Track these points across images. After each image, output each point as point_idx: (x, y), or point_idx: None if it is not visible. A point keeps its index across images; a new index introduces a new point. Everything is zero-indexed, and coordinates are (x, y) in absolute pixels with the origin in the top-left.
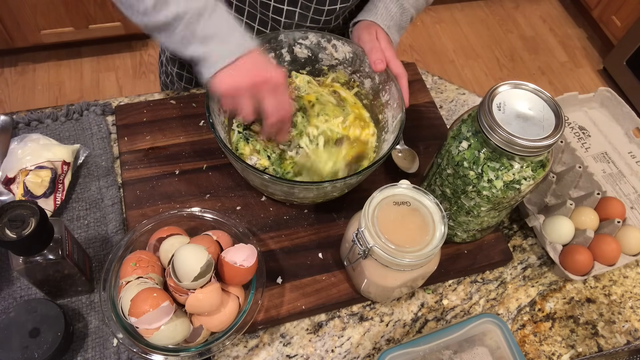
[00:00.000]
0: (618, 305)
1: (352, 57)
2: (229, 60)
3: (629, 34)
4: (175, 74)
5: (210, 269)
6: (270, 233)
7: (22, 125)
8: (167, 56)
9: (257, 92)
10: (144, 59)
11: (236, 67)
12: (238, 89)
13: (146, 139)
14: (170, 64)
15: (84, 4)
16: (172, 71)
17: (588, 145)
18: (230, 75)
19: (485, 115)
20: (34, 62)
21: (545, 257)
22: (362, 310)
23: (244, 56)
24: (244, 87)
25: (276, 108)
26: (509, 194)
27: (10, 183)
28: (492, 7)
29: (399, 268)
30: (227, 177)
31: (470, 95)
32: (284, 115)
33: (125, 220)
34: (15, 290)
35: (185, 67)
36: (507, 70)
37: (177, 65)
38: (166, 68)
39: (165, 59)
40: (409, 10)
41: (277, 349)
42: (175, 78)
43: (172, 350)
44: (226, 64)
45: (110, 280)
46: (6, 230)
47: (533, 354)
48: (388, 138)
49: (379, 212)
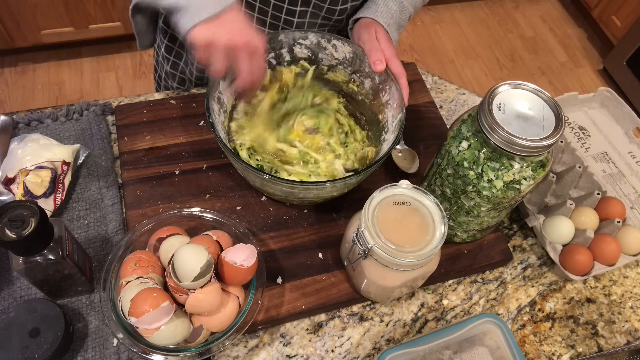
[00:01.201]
0: (618, 305)
1: (352, 57)
2: (210, 12)
3: (629, 34)
4: (176, 88)
5: (210, 269)
6: (270, 233)
7: (22, 125)
8: (166, 70)
9: (233, 53)
10: (144, 59)
11: (217, 22)
12: (215, 46)
13: (146, 139)
14: (170, 79)
15: (84, 4)
16: (172, 85)
17: (588, 145)
18: (210, 30)
19: (485, 115)
20: (34, 62)
21: (545, 257)
22: (362, 310)
23: (226, 12)
24: (221, 45)
25: (249, 73)
26: (509, 194)
27: (10, 183)
28: (492, 7)
29: (399, 268)
30: (227, 177)
31: (470, 95)
32: (256, 80)
33: (125, 220)
34: (15, 290)
35: (185, 82)
36: (507, 70)
37: (177, 80)
38: (166, 82)
39: (164, 74)
40: (408, 9)
41: (277, 349)
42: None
43: (172, 350)
44: (206, 16)
45: (110, 280)
46: (6, 230)
47: (533, 354)
48: (388, 138)
49: (379, 212)
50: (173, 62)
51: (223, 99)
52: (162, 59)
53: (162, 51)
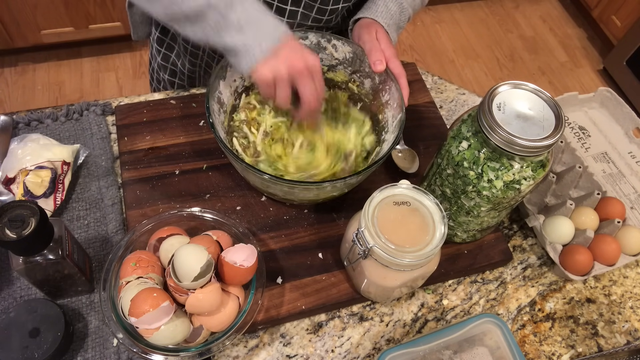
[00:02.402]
0: (618, 305)
1: (352, 57)
2: (268, 49)
3: (629, 34)
4: (167, 80)
5: (210, 269)
6: (270, 233)
7: (22, 125)
8: (158, 63)
9: (295, 79)
10: (144, 59)
11: (275, 55)
12: (279, 78)
13: (146, 139)
14: (161, 71)
15: (84, 4)
16: (163, 78)
17: (588, 145)
18: (271, 65)
19: (485, 115)
20: (34, 62)
21: (545, 257)
22: (362, 310)
23: (281, 42)
24: (284, 75)
25: (314, 94)
26: (509, 194)
27: (10, 183)
28: (492, 7)
29: (399, 268)
30: (227, 177)
31: (470, 95)
32: (320, 99)
33: (125, 220)
34: (15, 290)
35: (177, 74)
36: (507, 70)
37: (169, 72)
38: (158, 75)
39: (157, 66)
40: (407, 10)
41: (277, 349)
42: (167, 84)
43: (172, 350)
44: (265, 55)
45: (110, 280)
46: (6, 230)
47: (533, 354)
48: (388, 138)
49: (379, 212)
50: (164, 54)
51: (223, 99)
52: (155, 51)
53: (155, 44)
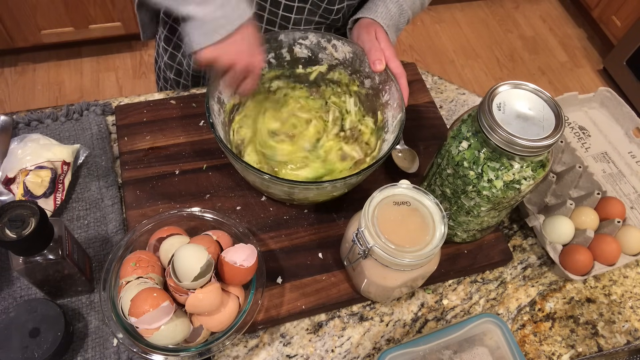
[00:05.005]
0: (618, 305)
1: (352, 57)
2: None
3: (629, 34)
4: (173, 80)
5: (210, 269)
6: (270, 233)
7: (22, 125)
8: (165, 62)
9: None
10: (144, 59)
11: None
12: (218, 63)
13: (146, 139)
14: (168, 70)
15: (84, 4)
16: (169, 77)
17: (588, 145)
18: (216, 51)
19: (485, 115)
20: (34, 62)
21: (545, 257)
22: (362, 310)
23: (239, 30)
24: (224, 63)
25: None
26: (509, 194)
27: (10, 183)
28: (492, 7)
29: (399, 268)
30: (227, 177)
31: (470, 95)
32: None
33: (125, 220)
34: (15, 290)
35: (182, 74)
36: (507, 70)
37: (174, 71)
38: (164, 74)
39: (163, 65)
40: (407, 12)
41: (277, 349)
42: (173, 83)
43: (172, 350)
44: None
45: (110, 280)
46: (6, 230)
47: (533, 354)
48: (388, 138)
49: (379, 212)
50: (171, 53)
51: (223, 99)
52: (162, 50)
53: (162, 42)
